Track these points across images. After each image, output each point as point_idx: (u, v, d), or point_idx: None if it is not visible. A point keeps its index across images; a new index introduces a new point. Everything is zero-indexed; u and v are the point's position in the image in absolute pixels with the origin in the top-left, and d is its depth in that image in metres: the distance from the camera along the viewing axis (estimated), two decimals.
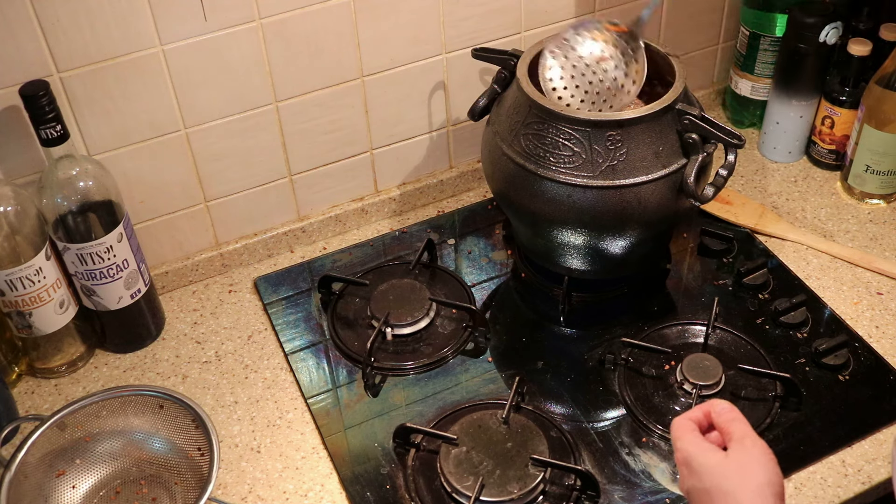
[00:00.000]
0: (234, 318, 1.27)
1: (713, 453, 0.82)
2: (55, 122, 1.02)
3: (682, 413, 0.88)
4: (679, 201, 1.12)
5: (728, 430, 0.84)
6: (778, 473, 0.80)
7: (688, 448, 0.83)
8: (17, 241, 1.07)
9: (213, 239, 1.31)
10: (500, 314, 1.25)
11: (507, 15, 1.30)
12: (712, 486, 0.80)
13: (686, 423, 0.86)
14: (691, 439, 0.84)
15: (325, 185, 1.34)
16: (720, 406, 0.86)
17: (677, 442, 0.85)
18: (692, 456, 0.82)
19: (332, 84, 1.25)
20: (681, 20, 1.44)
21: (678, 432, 0.85)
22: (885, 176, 1.34)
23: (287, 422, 1.13)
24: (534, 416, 1.10)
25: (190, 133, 1.20)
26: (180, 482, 1.04)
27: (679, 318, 1.22)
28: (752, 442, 0.82)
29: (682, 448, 0.84)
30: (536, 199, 1.12)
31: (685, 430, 0.85)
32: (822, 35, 1.33)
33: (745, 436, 0.82)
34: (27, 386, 1.18)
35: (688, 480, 0.83)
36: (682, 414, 0.87)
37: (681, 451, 0.84)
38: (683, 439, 0.84)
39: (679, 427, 0.86)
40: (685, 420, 0.86)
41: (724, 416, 0.85)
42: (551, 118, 1.09)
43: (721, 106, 1.58)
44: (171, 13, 1.09)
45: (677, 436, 0.85)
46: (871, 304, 1.23)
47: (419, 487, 1.04)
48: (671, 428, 0.87)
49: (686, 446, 0.83)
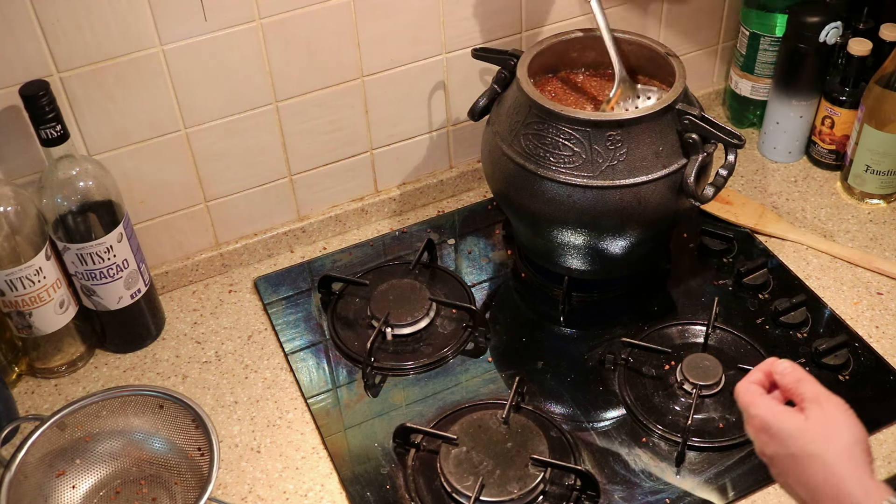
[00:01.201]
0: (234, 318, 1.27)
1: (793, 417, 0.79)
2: (55, 122, 1.02)
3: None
4: (679, 201, 1.12)
5: (798, 392, 0.81)
6: (861, 429, 0.78)
7: (764, 415, 0.80)
8: (17, 241, 1.07)
9: (213, 239, 1.31)
10: (500, 314, 1.25)
11: (507, 15, 1.30)
12: (798, 450, 0.77)
13: (754, 388, 0.82)
14: (765, 404, 0.80)
15: (325, 185, 1.35)
16: (782, 366, 0.83)
17: (750, 408, 0.81)
18: (770, 422, 0.79)
19: (332, 84, 1.25)
20: (681, 20, 1.44)
21: (748, 397, 0.82)
22: (885, 176, 1.34)
23: (287, 422, 1.13)
24: (534, 416, 1.10)
25: (190, 133, 1.20)
26: (180, 482, 1.04)
27: (679, 318, 1.22)
28: (826, 399, 0.79)
29: (758, 415, 0.80)
30: (536, 199, 1.12)
31: (755, 394, 0.82)
32: (822, 35, 1.33)
33: (818, 395, 0.79)
34: (27, 386, 1.18)
35: (770, 447, 0.80)
36: (744, 378, 0.84)
37: (756, 417, 0.80)
38: (757, 405, 0.81)
39: (748, 392, 0.82)
40: (751, 384, 0.83)
41: (789, 376, 0.82)
42: (551, 118, 1.09)
43: (721, 106, 1.58)
44: (171, 13, 1.09)
45: (748, 401, 0.82)
46: (871, 304, 1.23)
47: (419, 487, 1.04)
48: (737, 394, 0.83)
49: (762, 412, 0.80)
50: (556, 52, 1.23)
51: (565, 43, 1.23)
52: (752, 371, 0.85)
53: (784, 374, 0.83)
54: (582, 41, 1.23)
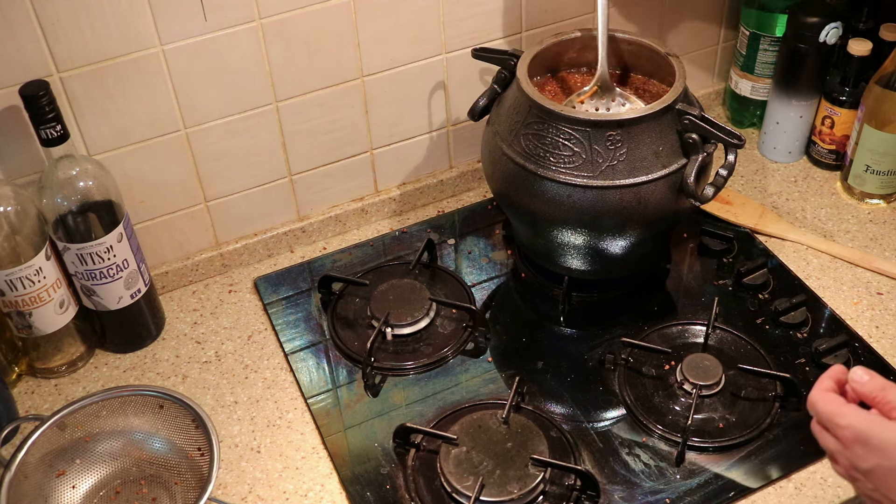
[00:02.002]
0: (234, 318, 1.27)
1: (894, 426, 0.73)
2: (55, 122, 1.02)
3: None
4: (679, 201, 1.12)
5: (886, 399, 0.75)
6: None
7: (859, 425, 0.74)
8: (17, 241, 1.07)
9: (213, 239, 1.31)
10: (500, 314, 1.25)
11: (507, 15, 1.30)
12: None
13: (835, 398, 0.77)
14: (856, 414, 0.75)
15: (325, 185, 1.35)
16: (859, 374, 0.77)
17: (838, 419, 0.75)
18: (869, 433, 0.73)
19: (332, 84, 1.25)
20: (681, 20, 1.44)
21: (833, 407, 0.76)
22: (885, 176, 1.34)
23: (287, 422, 1.13)
24: (534, 416, 1.10)
25: (190, 133, 1.20)
26: (180, 482, 1.04)
27: (679, 318, 1.22)
28: None
29: (851, 426, 0.74)
30: (536, 199, 1.12)
31: (839, 403, 0.76)
32: (822, 35, 1.33)
33: None
34: (27, 386, 1.18)
35: (868, 460, 0.74)
36: (816, 386, 0.79)
37: (849, 428, 0.75)
38: (846, 415, 0.75)
39: (830, 401, 0.77)
40: (829, 394, 0.77)
41: (870, 384, 0.76)
42: (551, 118, 1.09)
43: (721, 106, 1.58)
44: (171, 13, 1.09)
45: (835, 412, 0.76)
46: (871, 304, 1.23)
47: (419, 487, 1.04)
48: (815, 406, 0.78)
49: (856, 423, 0.74)
50: (556, 52, 1.23)
51: (565, 43, 1.23)
52: (822, 379, 0.79)
53: (863, 382, 0.77)
54: (582, 41, 1.23)
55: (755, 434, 1.07)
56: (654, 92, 1.23)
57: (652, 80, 1.24)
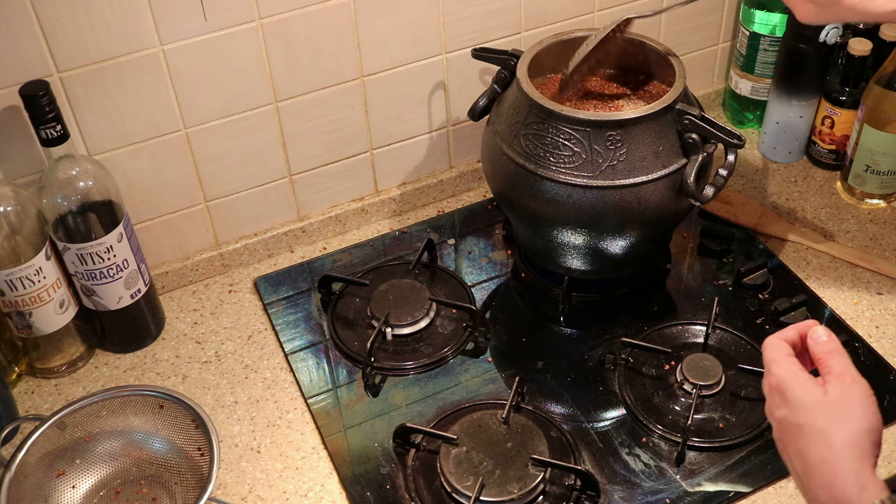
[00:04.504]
0: (234, 318, 1.27)
1: (812, 388, 0.75)
2: (55, 122, 1.02)
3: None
4: (679, 201, 1.12)
5: (826, 363, 0.77)
6: (879, 419, 0.74)
7: (785, 376, 0.77)
8: (17, 241, 1.07)
9: (213, 239, 1.31)
10: (500, 314, 1.25)
11: (507, 15, 1.30)
12: (807, 423, 0.74)
13: (782, 346, 0.79)
14: (788, 366, 0.77)
15: (325, 185, 1.35)
16: (818, 333, 0.79)
17: (772, 365, 0.78)
18: (788, 386, 0.76)
19: (332, 84, 1.25)
20: (681, 20, 1.44)
21: (773, 354, 0.79)
22: (885, 176, 1.34)
23: (287, 422, 1.13)
24: (534, 416, 1.10)
25: (190, 133, 1.20)
26: (180, 482, 1.04)
27: (679, 318, 1.22)
28: (852, 379, 0.76)
29: (778, 375, 0.77)
30: (536, 199, 1.12)
31: (781, 353, 0.79)
32: (822, 35, 1.33)
33: (845, 372, 0.76)
34: (27, 386, 1.18)
35: (780, 410, 0.77)
36: (777, 333, 0.81)
37: (776, 376, 0.77)
38: (780, 364, 0.78)
39: (774, 349, 0.79)
40: (780, 341, 0.80)
41: (822, 345, 0.78)
42: (551, 118, 1.09)
43: (721, 106, 1.58)
44: (171, 13, 1.09)
45: (772, 358, 0.78)
46: (871, 304, 1.23)
47: (419, 487, 1.04)
48: (764, 347, 0.80)
49: (782, 374, 0.77)
50: (556, 52, 1.23)
51: (565, 43, 1.23)
52: (787, 328, 0.81)
53: (818, 340, 0.79)
54: (582, 41, 1.23)
55: (755, 434, 1.07)
56: (654, 92, 1.23)
57: (652, 80, 1.24)
